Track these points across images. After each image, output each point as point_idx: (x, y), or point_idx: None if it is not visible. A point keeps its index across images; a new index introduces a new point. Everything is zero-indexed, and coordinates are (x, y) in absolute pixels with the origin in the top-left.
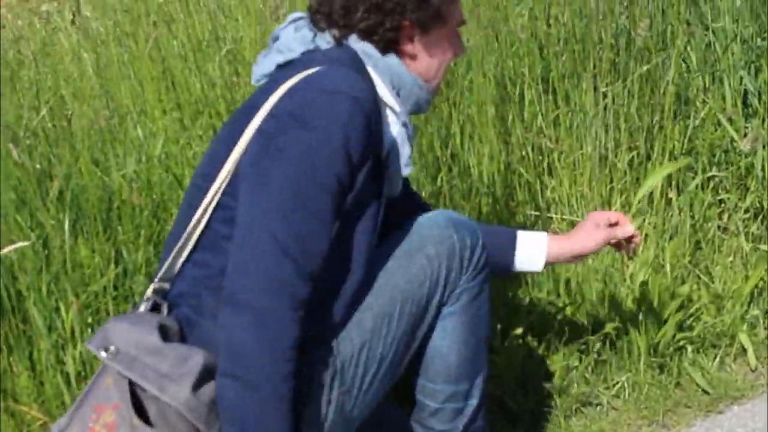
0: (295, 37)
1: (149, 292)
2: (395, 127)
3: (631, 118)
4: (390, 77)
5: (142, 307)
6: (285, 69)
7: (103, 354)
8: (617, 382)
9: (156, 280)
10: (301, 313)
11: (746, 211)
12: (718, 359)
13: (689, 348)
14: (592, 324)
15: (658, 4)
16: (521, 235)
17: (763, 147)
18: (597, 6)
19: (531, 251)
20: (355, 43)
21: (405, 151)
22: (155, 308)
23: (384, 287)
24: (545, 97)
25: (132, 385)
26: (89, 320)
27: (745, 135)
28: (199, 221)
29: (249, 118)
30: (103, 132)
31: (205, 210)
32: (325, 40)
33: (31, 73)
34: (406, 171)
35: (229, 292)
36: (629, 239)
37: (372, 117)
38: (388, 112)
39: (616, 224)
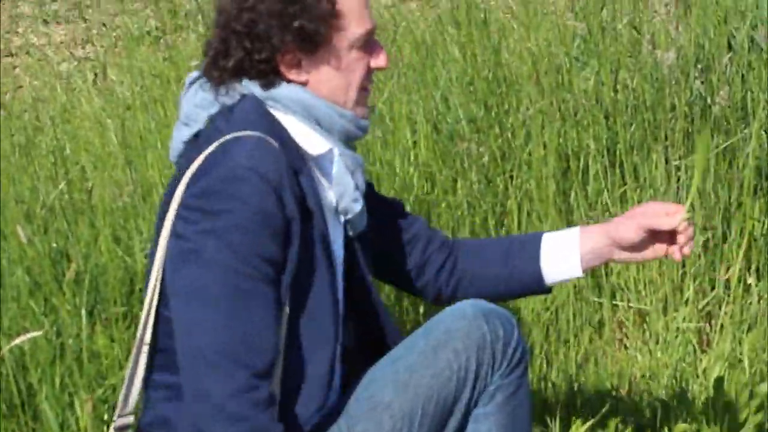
0: (196, 102)
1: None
2: (333, 166)
3: (707, 195)
4: (302, 112)
5: None
6: (193, 145)
7: None
8: None
9: (116, 417)
10: (273, 411)
11: None
12: None
13: None
14: (660, 423)
15: (737, 68)
16: (547, 235)
17: None
18: (670, 71)
19: (560, 250)
20: (255, 88)
21: (348, 183)
22: None
23: (405, 384)
24: (611, 171)
25: None
26: (105, 416)
27: None
28: (142, 339)
29: (162, 218)
30: (126, 207)
31: (145, 326)
32: (229, 96)
33: (49, 140)
34: (355, 207)
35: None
36: (673, 236)
37: (285, 183)
38: (317, 148)
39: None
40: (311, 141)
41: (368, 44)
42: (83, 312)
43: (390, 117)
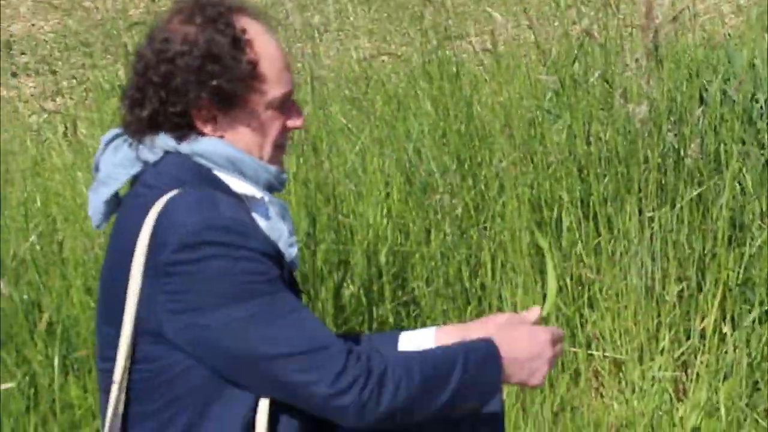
0: (115, 162)
1: None
2: (267, 212)
3: (681, 245)
4: (227, 165)
5: None
6: (115, 205)
7: None
8: None
9: None
10: (359, 351)
11: None
12: None
13: None
14: None
15: (710, 121)
16: (404, 333)
17: None
18: (642, 123)
19: (414, 347)
20: (172, 142)
21: (282, 229)
22: None
23: None
24: (585, 223)
25: None
26: None
27: None
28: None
29: (122, 292)
30: (97, 258)
31: (120, 391)
32: (152, 152)
33: (19, 192)
34: (292, 251)
35: (323, 408)
36: None
37: (247, 220)
38: (253, 193)
39: None
40: (243, 187)
41: (285, 105)
42: (56, 362)
43: (363, 169)
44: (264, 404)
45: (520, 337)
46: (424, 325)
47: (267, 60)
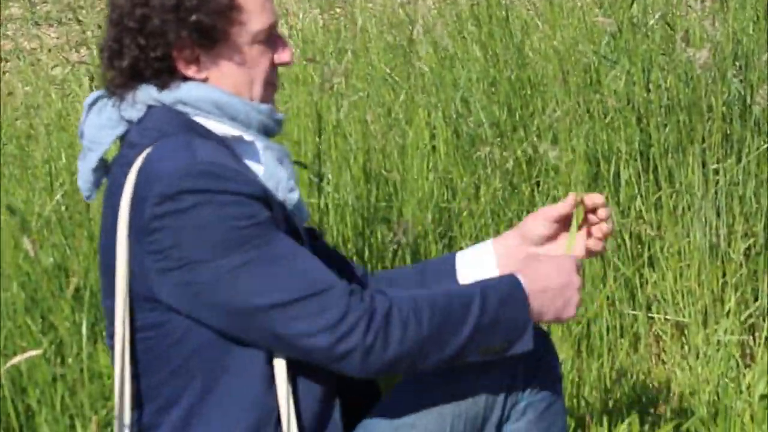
0: (100, 124)
1: None
2: (260, 157)
3: (748, 200)
4: (215, 111)
5: None
6: (103, 171)
7: None
8: None
9: None
10: (361, 293)
11: None
12: None
13: None
14: None
15: None
16: (461, 252)
17: None
18: (705, 69)
19: (474, 258)
20: (155, 92)
21: (280, 174)
22: None
23: (428, 404)
24: (645, 177)
25: None
26: None
27: None
28: (123, 365)
29: (114, 259)
30: None
31: (123, 352)
32: (135, 108)
33: (43, 149)
34: (293, 197)
35: (327, 357)
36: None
37: (236, 166)
38: (243, 137)
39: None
40: (233, 133)
41: (271, 39)
42: (83, 329)
43: (406, 121)
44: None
45: (546, 267)
46: None
47: None
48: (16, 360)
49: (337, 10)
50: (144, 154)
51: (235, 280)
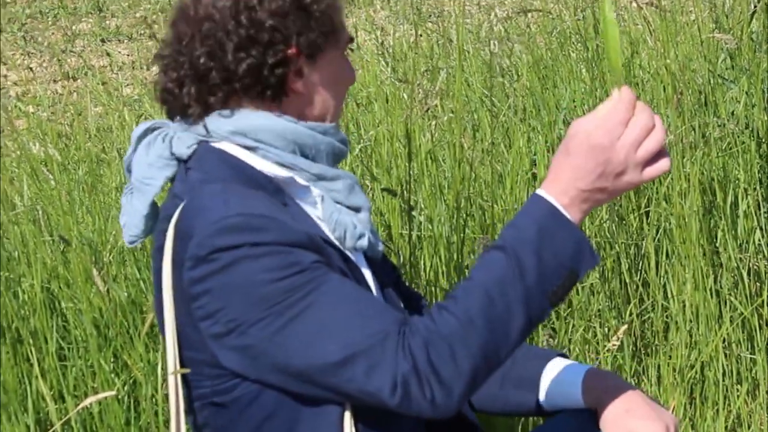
0: (148, 162)
1: None
2: (315, 205)
3: None
4: (279, 142)
5: None
6: (154, 218)
7: None
8: None
9: None
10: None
11: None
12: None
13: None
14: None
15: None
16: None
17: None
18: None
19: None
20: (220, 122)
21: (344, 222)
22: None
23: None
24: (765, 207)
25: None
26: None
27: None
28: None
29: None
30: None
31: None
32: (185, 145)
33: (116, 174)
34: (362, 243)
35: (398, 411)
36: None
37: (280, 214)
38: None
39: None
40: (285, 175)
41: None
42: (159, 370)
43: (505, 146)
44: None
45: (574, 159)
46: (574, 326)
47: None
48: (87, 402)
49: (429, 25)
50: (181, 207)
51: (285, 339)
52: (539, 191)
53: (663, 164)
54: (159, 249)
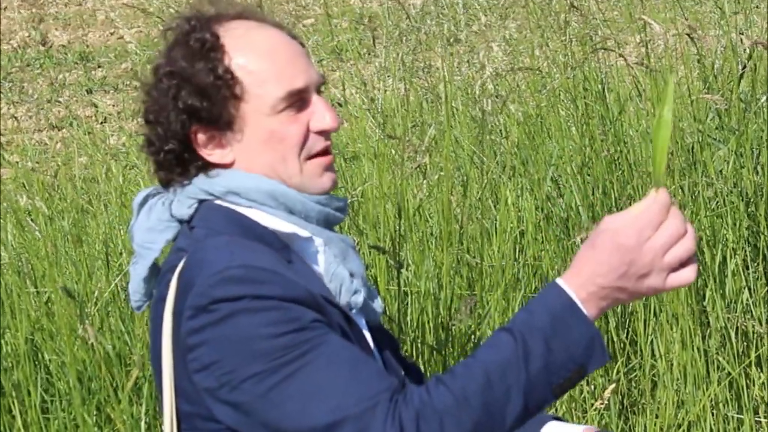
0: (149, 227)
1: None
2: (317, 258)
3: None
4: (270, 202)
5: None
6: (154, 280)
7: None
8: None
9: None
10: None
11: None
12: None
13: None
14: None
15: None
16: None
17: None
18: None
19: None
20: (208, 186)
21: (342, 275)
22: None
23: None
24: (753, 267)
25: None
26: None
27: None
28: None
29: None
30: None
31: None
32: (185, 205)
33: (100, 226)
34: (357, 300)
35: None
36: None
37: (283, 270)
38: (298, 233)
39: None
40: (287, 229)
41: (303, 104)
42: (142, 424)
43: (493, 202)
44: None
45: (600, 253)
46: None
47: (257, 58)
48: None
49: (417, 80)
50: (185, 258)
51: (277, 397)
52: (558, 280)
53: (689, 273)
54: (161, 299)
